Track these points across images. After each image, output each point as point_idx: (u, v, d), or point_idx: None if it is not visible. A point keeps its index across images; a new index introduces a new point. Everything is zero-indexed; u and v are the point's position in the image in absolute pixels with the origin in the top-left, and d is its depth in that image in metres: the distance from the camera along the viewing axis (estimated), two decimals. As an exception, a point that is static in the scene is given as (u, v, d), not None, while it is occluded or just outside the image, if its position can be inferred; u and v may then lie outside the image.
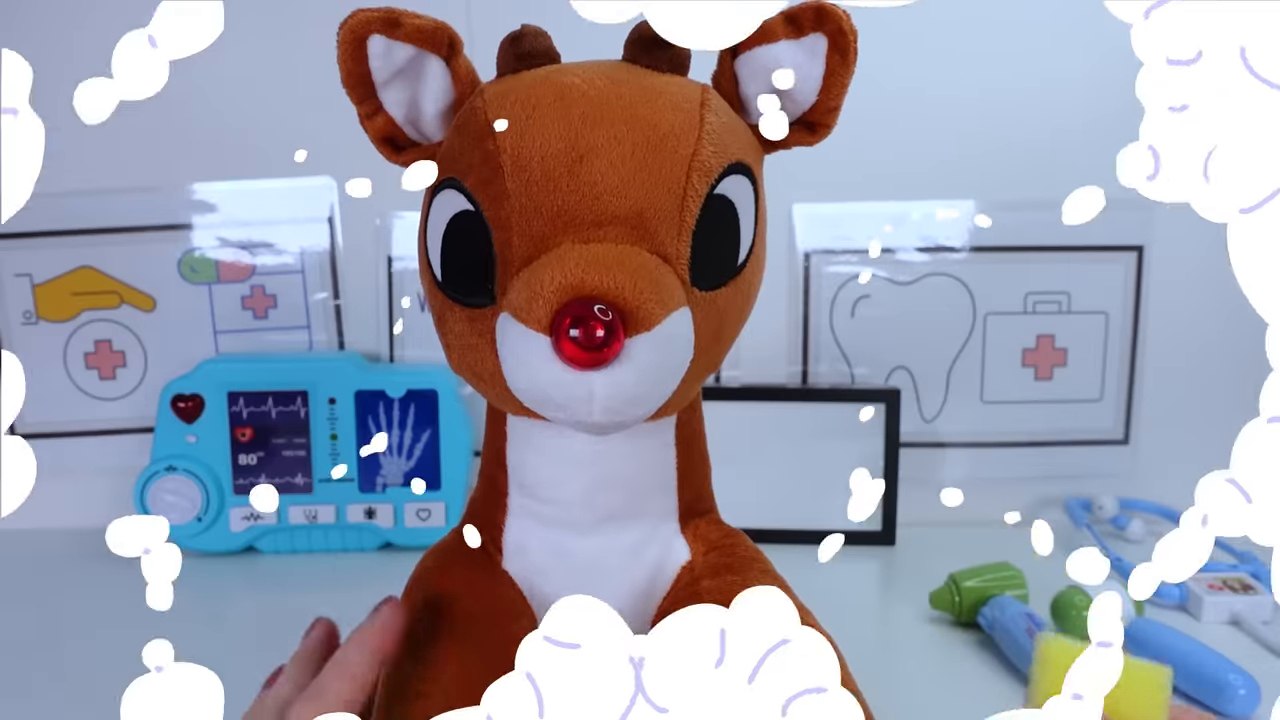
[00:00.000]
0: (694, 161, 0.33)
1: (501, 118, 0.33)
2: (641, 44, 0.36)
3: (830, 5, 0.34)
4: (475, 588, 0.39)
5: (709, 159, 0.34)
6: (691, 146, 0.33)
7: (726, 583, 0.38)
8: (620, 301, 0.30)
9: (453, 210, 0.34)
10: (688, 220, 0.33)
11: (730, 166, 0.34)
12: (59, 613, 0.65)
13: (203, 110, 0.74)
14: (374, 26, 0.35)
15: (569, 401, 0.31)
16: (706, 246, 0.34)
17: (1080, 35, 0.74)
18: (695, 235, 0.33)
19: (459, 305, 0.35)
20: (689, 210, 0.33)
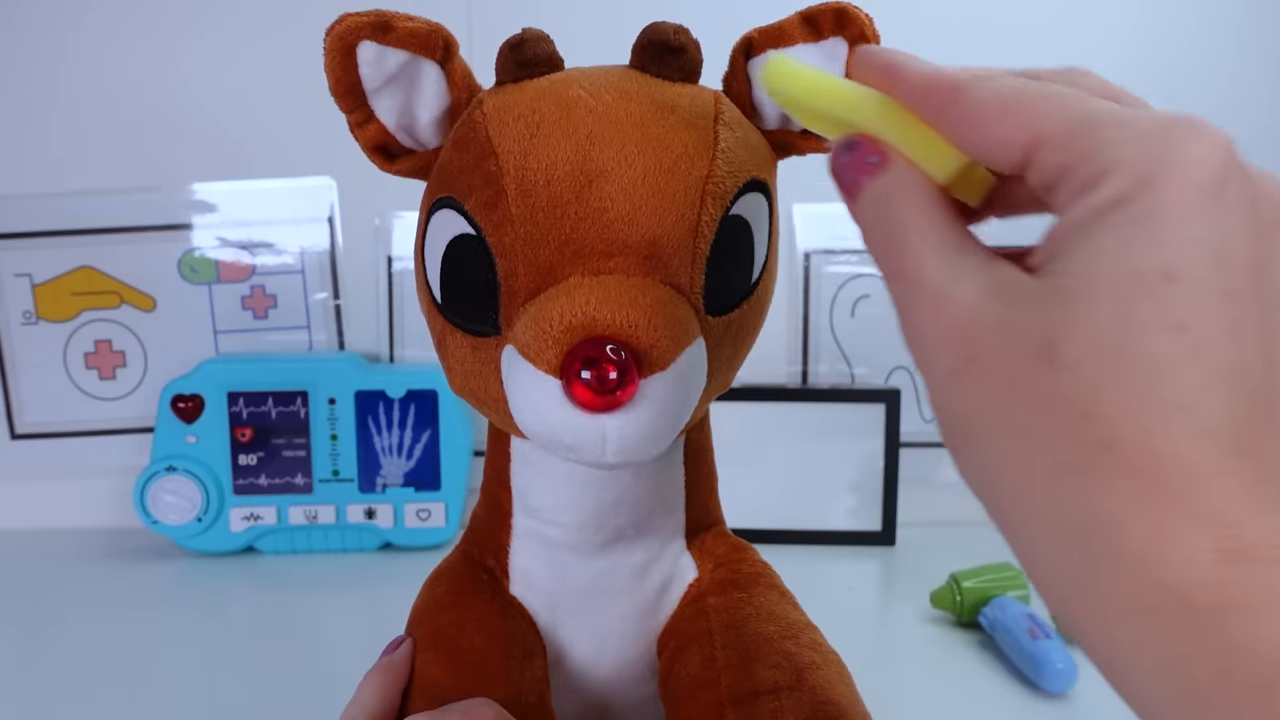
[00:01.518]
0: (708, 184, 0.32)
1: (503, 135, 0.32)
2: (651, 50, 0.34)
3: (853, 8, 0.33)
4: (488, 623, 0.37)
5: (724, 179, 0.32)
6: (705, 168, 0.32)
7: (733, 599, 0.38)
8: (633, 341, 0.29)
9: (452, 233, 0.33)
10: (702, 247, 0.32)
11: (745, 185, 0.33)
12: (59, 613, 0.65)
13: (203, 110, 0.75)
14: (364, 32, 0.32)
15: (580, 444, 0.30)
16: (721, 271, 0.32)
17: (1081, 36, 0.74)
18: (709, 261, 0.32)
19: (461, 331, 0.34)
20: (703, 237, 0.32)
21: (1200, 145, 0.19)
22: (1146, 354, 0.18)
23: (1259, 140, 0.76)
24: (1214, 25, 0.74)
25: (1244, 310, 0.19)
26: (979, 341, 0.20)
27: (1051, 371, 0.19)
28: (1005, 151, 0.21)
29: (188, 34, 0.74)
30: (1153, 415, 0.18)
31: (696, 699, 0.35)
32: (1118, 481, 0.18)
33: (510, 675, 0.36)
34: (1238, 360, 0.19)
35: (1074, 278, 0.19)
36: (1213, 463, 0.18)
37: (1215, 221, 0.19)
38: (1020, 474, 0.20)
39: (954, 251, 0.22)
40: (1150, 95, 0.23)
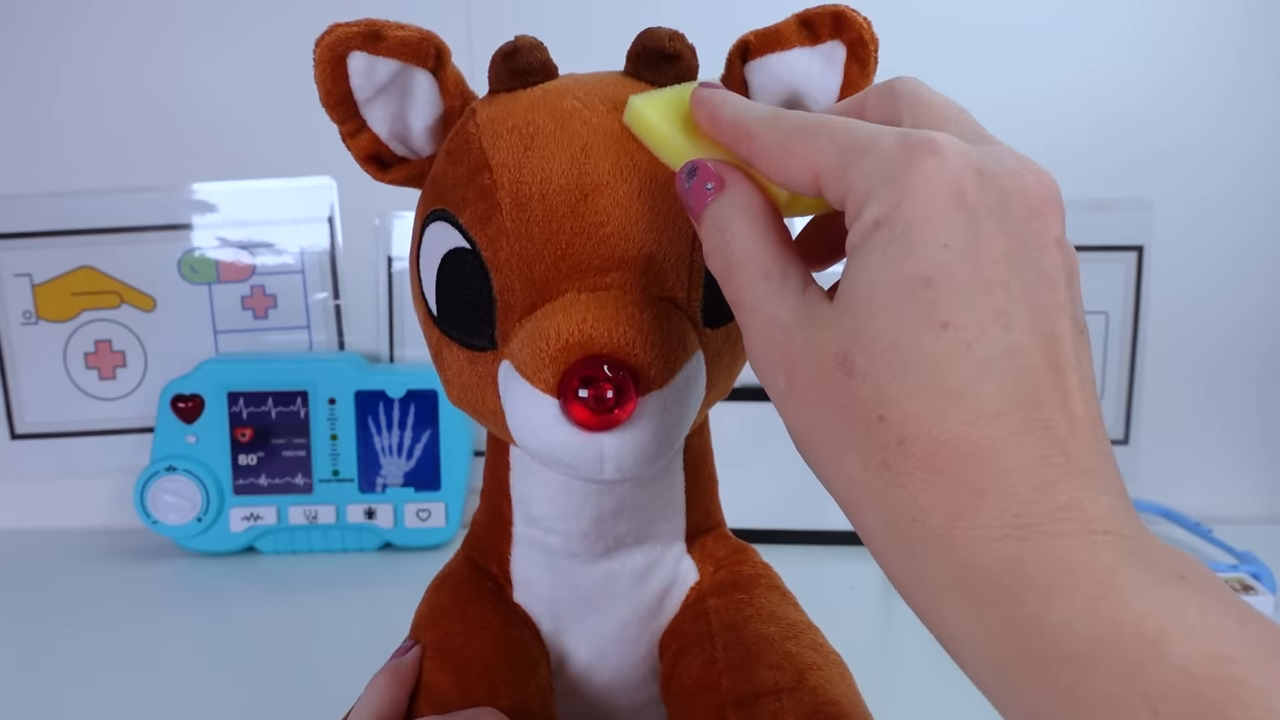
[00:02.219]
0: None
1: (497, 147, 0.31)
2: (646, 58, 0.33)
3: (850, 11, 0.32)
4: (493, 632, 0.37)
5: None
6: None
7: (733, 601, 0.38)
8: (631, 360, 0.29)
9: (447, 246, 0.32)
10: (699, 261, 0.31)
11: None
12: (59, 613, 0.65)
13: (203, 110, 0.75)
14: (354, 43, 0.31)
15: (578, 462, 0.29)
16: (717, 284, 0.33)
17: (1082, 38, 0.74)
18: (707, 274, 0.32)
19: (457, 345, 0.33)
20: (700, 250, 0.31)
21: (935, 158, 0.21)
22: (921, 353, 0.20)
23: (1264, 135, 0.76)
24: (1215, 21, 0.74)
25: (1010, 297, 0.21)
26: (796, 362, 0.23)
27: (850, 381, 0.21)
28: (800, 186, 0.24)
29: (188, 34, 0.74)
30: (935, 408, 0.20)
31: (698, 701, 0.35)
32: (914, 474, 0.20)
33: (515, 685, 0.36)
34: (1011, 344, 0.20)
35: (855, 295, 0.22)
36: (995, 445, 0.19)
37: (957, 223, 0.21)
38: (845, 477, 0.22)
39: (778, 278, 0.24)
40: (1150, 95, 0.24)
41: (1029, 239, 0.21)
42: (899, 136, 0.22)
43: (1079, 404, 0.21)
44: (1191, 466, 0.80)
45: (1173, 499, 0.78)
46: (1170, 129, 0.75)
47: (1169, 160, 0.76)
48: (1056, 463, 0.19)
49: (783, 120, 0.24)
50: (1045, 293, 0.21)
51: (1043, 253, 0.21)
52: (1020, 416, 0.20)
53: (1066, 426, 0.20)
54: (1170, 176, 0.76)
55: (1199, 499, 0.79)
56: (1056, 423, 0.20)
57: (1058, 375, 0.20)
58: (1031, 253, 0.21)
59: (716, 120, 0.26)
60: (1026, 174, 0.22)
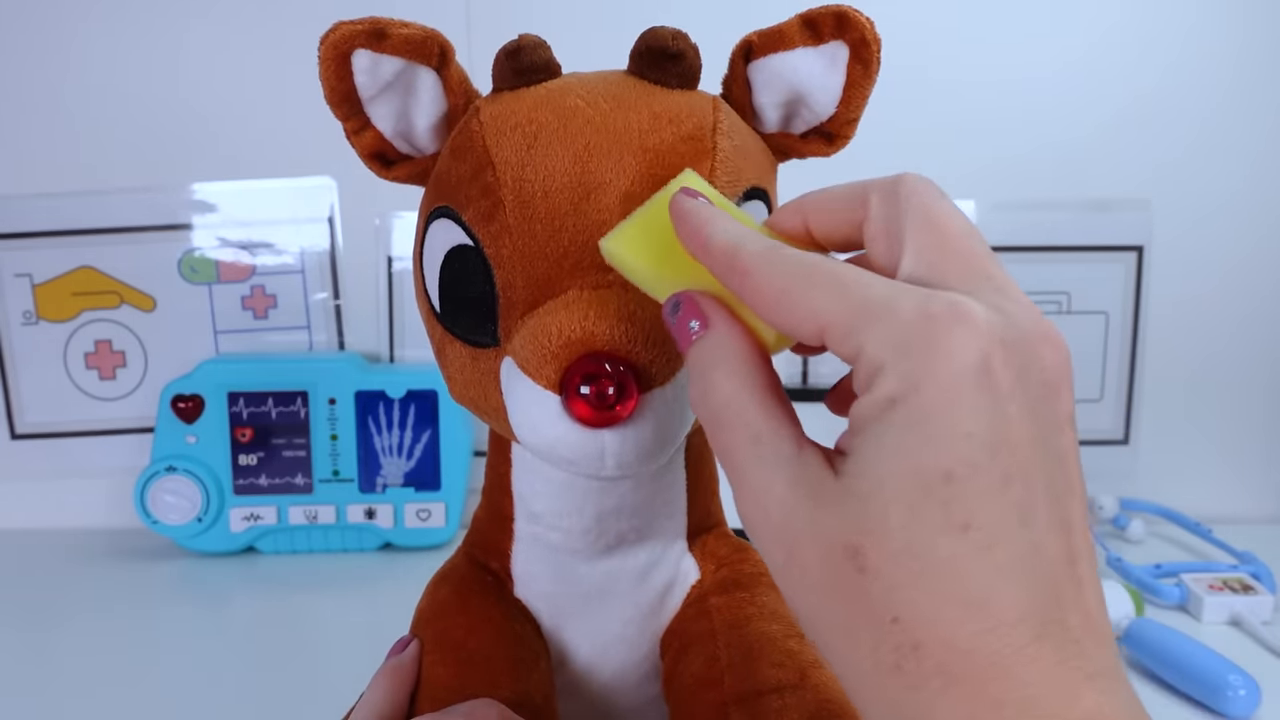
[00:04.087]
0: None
1: (500, 145, 0.32)
2: (649, 57, 0.33)
3: (853, 11, 0.32)
4: (494, 625, 0.37)
5: (723, 190, 0.32)
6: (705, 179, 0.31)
7: (735, 599, 0.38)
8: (632, 357, 0.29)
9: (450, 243, 0.33)
10: None
11: (745, 193, 0.33)
12: (59, 613, 0.65)
13: (203, 110, 0.75)
14: (358, 40, 0.32)
15: (579, 459, 0.30)
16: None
17: (1082, 37, 0.74)
18: None
19: (460, 341, 0.34)
20: None
21: (957, 334, 0.20)
22: (938, 557, 0.19)
23: (1264, 136, 0.76)
24: (1216, 21, 0.74)
25: (1029, 490, 0.20)
26: (796, 541, 0.21)
27: (860, 576, 0.20)
28: (801, 334, 0.22)
29: (188, 34, 0.74)
30: (952, 616, 0.19)
31: (700, 699, 0.35)
32: (931, 681, 0.19)
33: (517, 677, 0.36)
34: (1030, 543, 0.19)
35: (866, 480, 0.20)
36: (1013, 655, 0.19)
37: (981, 409, 0.20)
38: (850, 669, 0.21)
39: (768, 441, 0.22)
40: (1151, 95, 0.23)
41: (1047, 419, 0.20)
42: (919, 302, 0.20)
43: (1091, 597, 0.20)
44: (1191, 466, 0.81)
45: (1173, 499, 0.78)
46: (1170, 129, 0.76)
47: (1169, 160, 0.76)
48: (1075, 665, 0.19)
49: (782, 261, 0.23)
50: (1061, 478, 0.20)
51: (1059, 433, 0.21)
52: (1040, 620, 0.19)
53: (1082, 625, 0.19)
54: (1170, 176, 0.76)
55: (1199, 499, 0.79)
56: (1073, 623, 0.19)
57: (1073, 568, 0.20)
58: (1049, 435, 0.20)
59: (706, 248, 0.24)
60: (1043, 342, 0.21)
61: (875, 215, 0.24)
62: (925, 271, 0.22)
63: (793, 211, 0.26)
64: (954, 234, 0.22)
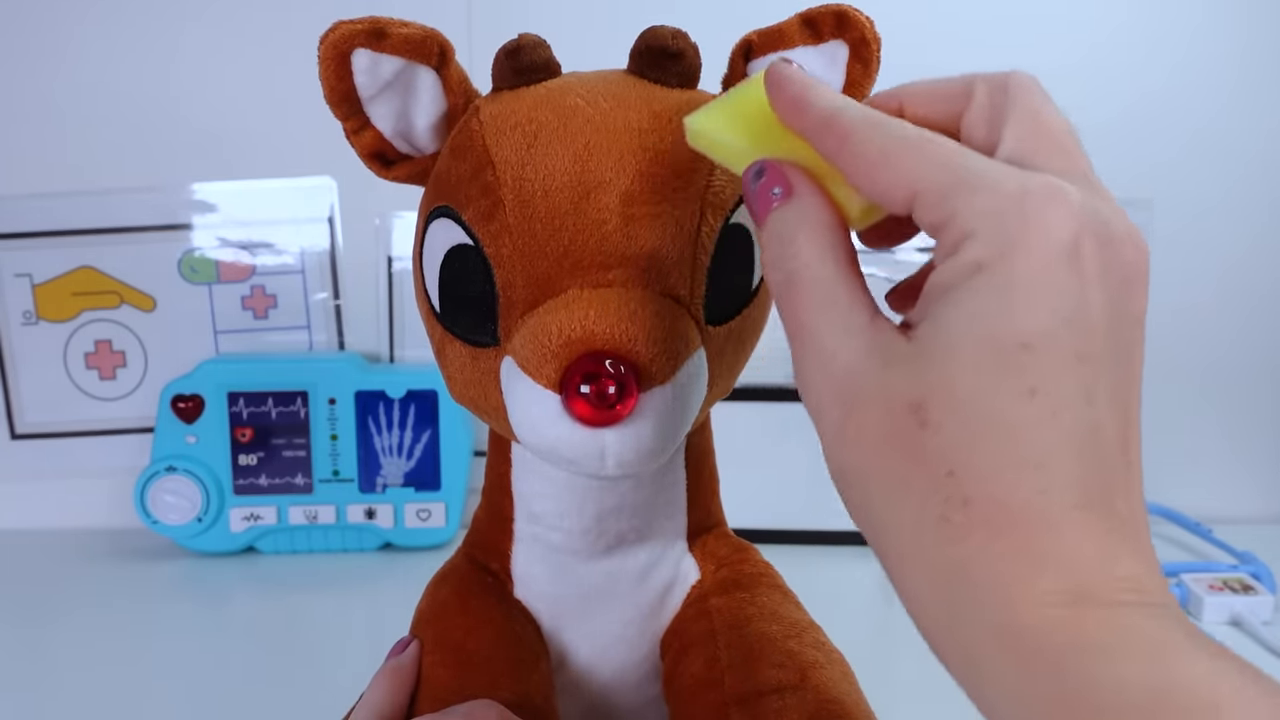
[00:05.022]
0: (708, 194, 0.32)
1: (500, 144, 0.31)
2: (649, 56, 0.33)
3: (853, 10, 0.32)
4: (494, 626, 0.38)
5: (723, 189, 0.32)
6: (705, 179, 0.31)
7: (735, 600, 0.38)
8: (632, 356, 0.29)
9: (450, 242, 0.33)
10: (702, 258, 0.32)
11: None
12: (59, 613, 0.65)
13: (203, 110, 0.75)
14: (358, 40, 0.32)
15: (580, 458, 0.30)
16: (721, 281, 0.32)
17: (1083, 35, 0.74)
18: (710, 271, 0.32)
19: (460, 341, 0.34)
20: (703, 248, 0.32)
21: (1053, 212, 0.20)
22: (1003, 418, 0.20)
23: (1265, 135, 0.76)
24: (1217, 21, 0.74)
25: (1098, 372, 0.20)
26: (861, 399, 0.21)
27: (921, 430, 0.20)
28: (890, 200, 0.22)
29: (188, 34, 0.74)
30: (1008, 474, 0.19)
31: (700, 699, 0.35)
32: (976, 533, 0.19)
33: (517, 678, 0.36)
34: (1090, 420, 0.20)
35: (940, 342, 0.21)
36: (1062, 516, 0.19)
37: (1068, 289, 0.20)
38: (896, 522, 0.21)
39: (844, 307, 0.22)
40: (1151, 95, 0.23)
41: (1122, 313, 0.21)
42: (1019, 179, 0.21)
43: (1136, 487, 0.21)
44: (1191, 466, 0.80)
45: (1173, 499, 0.78)
46: (1171, 129, 0.75)
47: (1169, 160, 0.76)
48: (1118, 538, 0.20)
49: (884, 125, 0.22)
50: (1126, 368, 0.21)
51: (1130, 328, 0.21)
52: (1090, 492, 0.19)
53: (1127, 508, 0.20)
54: (1171, 177, 0.76)
55: (1199, 499, 0.79)
56: (1119, 504, 0.20)
57: (1126, 455, 0.20)
58: (1121, 326, 0.21)
59: (803, 108, 0.24)
60: (1128, 239, 0.21)
61: (979, 103, 0.24)
62: (1024, 157, 0.22)
63: (889, 97, 0.26)
64: (1056, 130, 0.23)
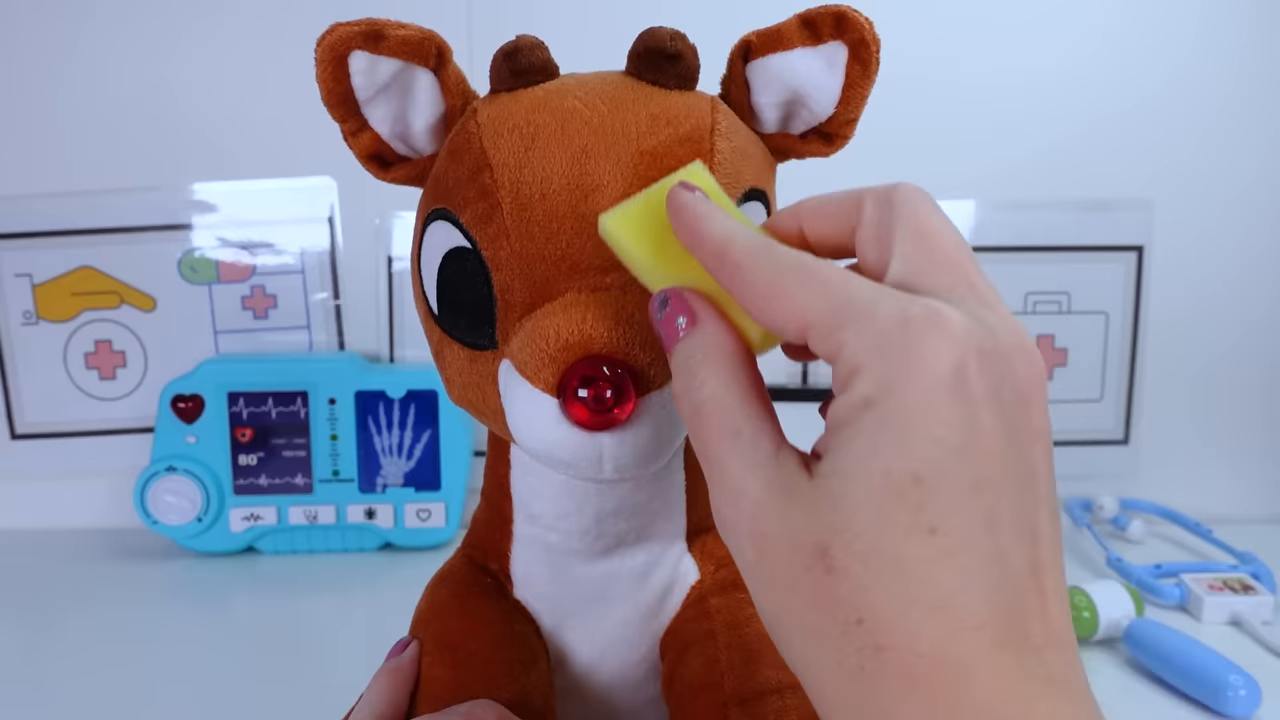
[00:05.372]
0: None
1: (498, 147, 0.31)
2: (647, 58, 0.33)
3: (852, 12, 0.32)
4: (493, 627, 0.38)
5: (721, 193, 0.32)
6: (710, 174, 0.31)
7: (735, 600, 0.38)
8: (630, 359, 0.29)
9: (448, 245, 0.33)
10: None
11: (744, 195, 0.33)
12: (59, 613, 0.65)
13: (203, 110, 0.75)
14: (355, 42, 0.31)
15: (577, 462, 0.30)
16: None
17: (1083, 35, 0.74)
18: None
19: (458, 343, 0.34)
20: None
21: (934, 340, 0.20)
22: (905, 559, 0.19)
23: (1265, 135, 0.76)
24: (1218, 21, 0.74)
25: (997, 497, 0.20)
26: (766, 539, 0.21)
27: (827, 576, 0.20)
28: (783, 331, 0.22)
29: (188, 34, 0.74)
30: (916, 618, 0.19)
31: (700, 700, 0.35)
32: (892, 683, 0.19)
33: (516, 679, 0.36)
34: (994, 549, 0.20)
35: (837, 480, 0.20)
36: (976, 658, 0.19)
37: (955, 418, 0.20)
38: (814, 671, 0.21)
39: (748, 438, 0.22)
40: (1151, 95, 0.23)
41: (1019, 430, 0.21)
42: (899, 306, 0.20)
43: (1055, 609, 0.20)
44: (1191, 466, 0.80)
45: (1173, 499, 0.78)
46: (1171, 129, 0.76)
47: (1169, 160, 0.76)
48: (1036, 676, 0.19)
49: (773, 256, 0.23)
50: (1029, 488, 0.21)
51: (1030, 443, 0.21)
52: (1001, 627, 0.19)
53: (1044, 636, 0.20)
54: (1170, 176, 0.76)
55: (1199, 499, 0.79)
56: (1035, 632, 0.20)
57: (1038, 579, 0.20)
58: (1019, 445, 0.21)
59: (699, 239, 0.25)
60: (1019, 354, 0.21)
61: (868, 220, 0.24)
62: (912, 278, 0.22)
63: (789, 216, 0.26)
64: (942, 244, 0.23)
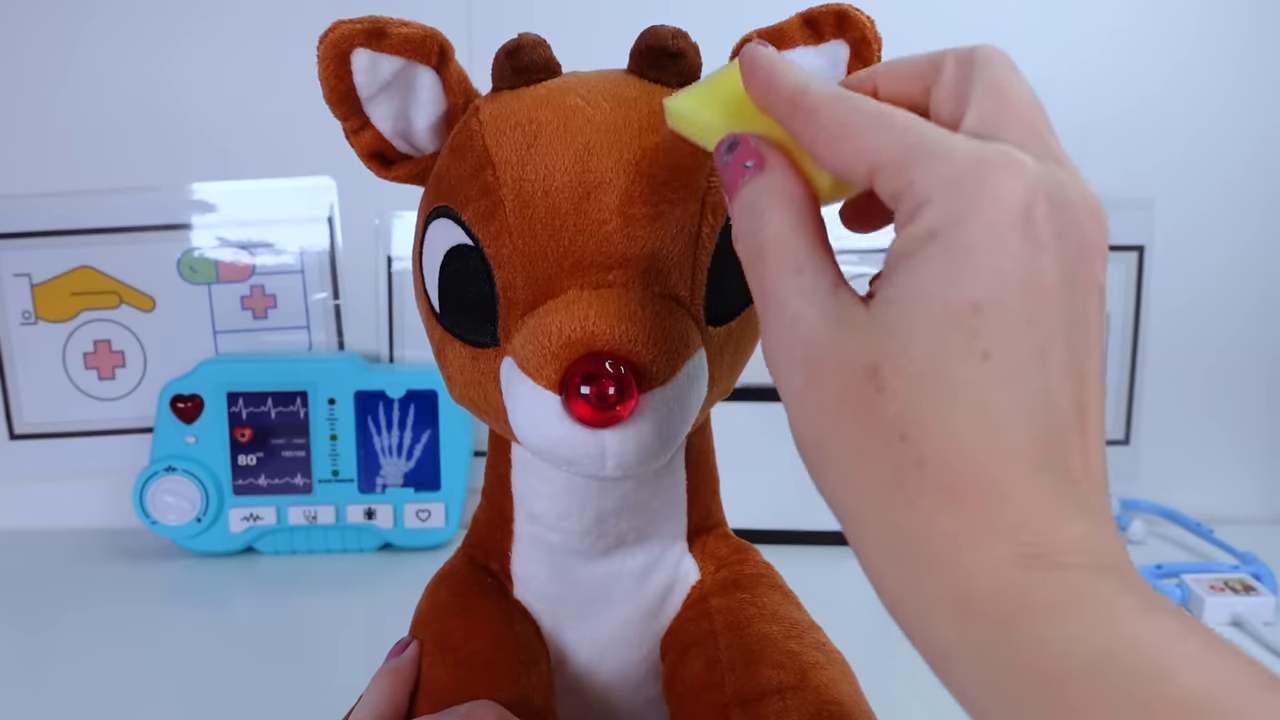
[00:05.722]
0: (708, 195, 0.32)
1: (500, 144, 0.31)
2: (649, 56, 0.33)
3: (854, 10, 0.32)
4: (494, 627, 0.37)
5: None
6: (705, 179, 0.32)
7: (736, 600, 0.38)
8: (633, 357, 0.29)
9: (450, 242, 0.33)
10: (702, 259, 0.32)
11: None
12: (58, 613, 0.65)
13: (203, 110, 0.75)
14: (357, 40, 0.32)
15: (580, 459, 0.30)
16: (722, 282, 0.32)
17: (1083, 35, 0.74)
18: (710, 272, 0.32)
19: (460, 341, 0.34)
20: (704, 248, 0.32)
21: (1007, 179, 0.20)
22: (956, 381, 0.20)
23: (1265, 135, 0.76)
24: (1217, 21, 0.74)
25: (1051, 334, 0.20)
26: (817, 363, 0.22)
27: (877, 395, 0.20)
28: (852, 174, 0.23)
29: (188, 34, 0.74)
30: (959, 436, 0.20)
31: (701, 700, 0.35)
32: (928, 497, 0.20)
33: (516, 679, 0.36)
34: (1043, 383, 0.20)
35: (895, 307, 0.21)
36: (1015, 479, 0.19)
37: (1019, 253, 0.20)
38: (854, 489, 0.21)
39: (810, 274, 0.23)
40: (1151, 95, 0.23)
41: (1077, 280, 0.21)
42: (974, 147, 0.21)
43: (1094, 449, 0.21)
44: (1191, 466, 0.80)
45: (1173, 499, 0.78)
46: (1170, 129, 0.75)
47: (1169, 160, 0.76)
48: (1071, 500, 0.20)
49: (848, 101, 0.23)
50: (1081, 335, 0.21)
51: (1086, 296, 0.21)
52: (1043, 454, 0.20)
53: (1082, 469, 0.20)
54: (1170, 176, 0.76)
55: (1199, 499, 0.79)
56: (1074, 465, 0.20)
57: (1081, 419, 0.20)
58: (1076, 292, 0.21)
59: (772, 86, 0.24)
60: (1086, 210, 0.21)
61: (947, 78, 0.24)
62: (987, 130, 0.22)
63: (864, 77, 0.26)
64: (1020, 102, 0.23)
